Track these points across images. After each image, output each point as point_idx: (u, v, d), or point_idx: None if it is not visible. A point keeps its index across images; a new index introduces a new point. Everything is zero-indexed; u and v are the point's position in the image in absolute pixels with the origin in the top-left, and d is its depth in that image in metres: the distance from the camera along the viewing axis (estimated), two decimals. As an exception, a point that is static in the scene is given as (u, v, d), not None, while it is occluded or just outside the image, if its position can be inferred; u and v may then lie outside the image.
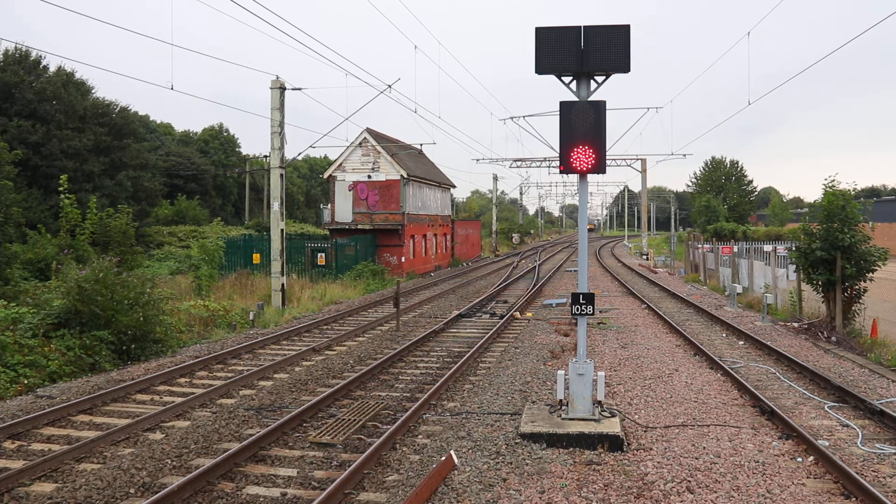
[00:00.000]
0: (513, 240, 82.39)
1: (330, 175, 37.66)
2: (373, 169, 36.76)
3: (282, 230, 23.25)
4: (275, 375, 12.88)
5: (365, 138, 36.76)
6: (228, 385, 11.71)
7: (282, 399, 11.11)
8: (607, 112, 8.97)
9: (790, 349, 14.82)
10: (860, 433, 9.13)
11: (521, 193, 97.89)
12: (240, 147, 76.02)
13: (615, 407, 10.19)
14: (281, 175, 23.09)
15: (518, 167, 58.16)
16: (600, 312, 21.45)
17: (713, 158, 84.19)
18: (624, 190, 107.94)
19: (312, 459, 8.31)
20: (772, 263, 23.08)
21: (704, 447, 8.57)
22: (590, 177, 9.87)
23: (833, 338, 15.86)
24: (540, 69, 8.94)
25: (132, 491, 7.34)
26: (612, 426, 8.80)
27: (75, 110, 41.69)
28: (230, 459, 7.94)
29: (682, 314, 21.35)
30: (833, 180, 17.18)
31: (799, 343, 15.77)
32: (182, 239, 45.59)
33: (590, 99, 9.07)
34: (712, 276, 31.83)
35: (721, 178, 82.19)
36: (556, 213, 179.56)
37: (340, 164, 37.28)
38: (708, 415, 10.03)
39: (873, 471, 7.85)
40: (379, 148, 36.70)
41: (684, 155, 54.64)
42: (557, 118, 8.95)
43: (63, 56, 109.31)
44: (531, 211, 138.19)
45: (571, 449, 8.49)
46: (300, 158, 72.73)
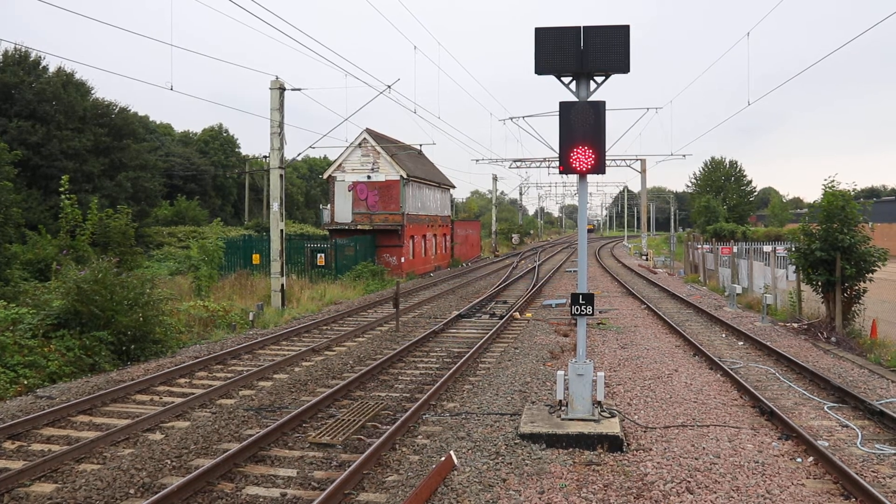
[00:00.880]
0: (512, 240, 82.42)
1: (329, 175, 37.66)
2: (372, 169, 36.76)
3: (281, 230, 23.26)
4: (274, 376, 12.88)
5: (364, 139, 36.76)
6: (228, 385, 11.71)
7: (281, 399, 11.11)
8: (607, 112, 8.97)
9: (790, 350, 14.82)
10: (860, 433, 9.13)
11: (521, 194, 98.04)
12: (239, 147, 76.14)
13: (615, 407, 10.19)
14: (280, 175, 23.10)
15: (518, 167, 58.20)
16: (600, 313, 21.46)
17: (713, 159, 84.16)
18: (623, 190, 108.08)
19: (312, 460, 8.31)
20: (771, 264, 23.10)
21: (704, 448, 8.58)
22: (589, 177, 9.87)
23: (833, 338, 15.86)
24: (539, 69, 8.95)
25: (132, 491, 7.34)
26: (612, 427, 8.80)
27: (75, 111, 41.67)
28: (230, 460, 7.94)
29: (682, 315, 21.36)
30: (833, 181, 17.20)
31: (798, 343, 15.78)
32: (182, 239, 45.60)
33: (589, 99, 9.07)
34: (712, 277, 31.84)
35: (721, 179, 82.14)
36: (556, 214, 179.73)
37: (340, 165, 37.29)
38: (707, 415, 10.03)
39: (873, 471, 7.85)
40: (378, 148, 36.70)
41: (684, 155, 54.57)
42: (557, 118, 8.95)
43: (63, 57, 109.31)
44: (531, 211, 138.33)
45: (571, 449, 8.50)
46: (300, 159, 72.69)
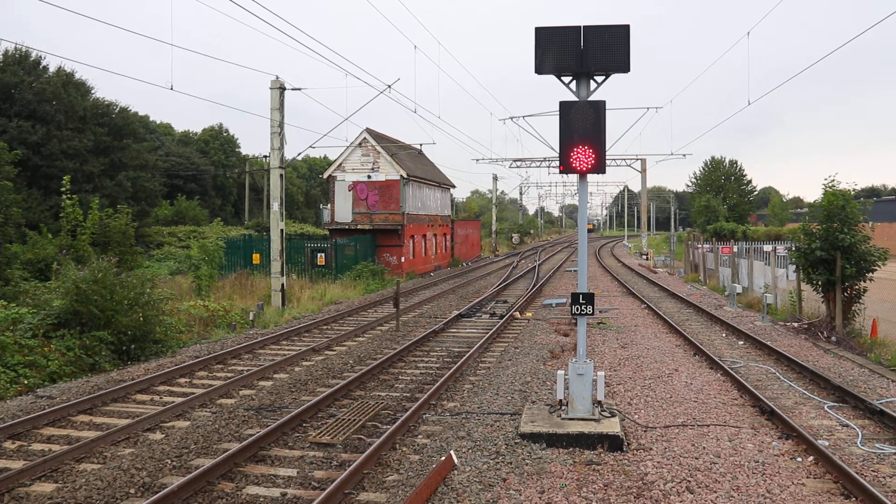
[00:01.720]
0: (512, 240, 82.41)
1: (329, 175, 37.66)
2: (372, 169, 36.76)
3: (281, 230, 23.26)
4: (275, 375, 12.88)
5: (365, 138, 36.76)
6: (228, 385, 11.71)
7: (282, 399, 11.11)
8: (607, 112, 8.98)
9: (790, 349, 14.82)
10: (860, 433, 9.13)
11: (521, 193, 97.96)
12: (239, 147, 76.15)
13: (615, 407, 10.19)
14: (281, 175, 23.10)
15: (518, 167, 58.18)
16: (600, 312, 21.45)
17: (713, 158, 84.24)
18: (624, 190, 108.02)
19: (312, 459, 8.32)
20: (771, 263, 23.10)
21: (704, 447, 8.58)
22: (590, 177, 9.87)
23: (833, 338, 15.86)
24: (540, 69, 8.95)
25: (132, 491, 7.34)
26: (612, 426, 8.80)
27: (75, 111, 41.67)
28: (230, 459, 7.94)
29: (682, 314, 21.36)
30: (833, 180, 17.21)
31: (799, 343, 15.77)
32: (182, 239, 45.59)
33: (589, 99, 9.07)
34: (712, 276, 31.84)
35: (721, 178, 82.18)
36: (556, 213, 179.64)
37: (340, 165, 37.28)
38: (708, 415, 10.03)
39: (873, 471, 7.85)
40: (378, 148, 36.70)
41: (684, 155, 54.58)
42: (557, 118, 8.95)
43: (63, 56, 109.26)
44: (531, 211, 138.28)
45: (571, 449, 8.50)
46: (300, 158, 72.66)
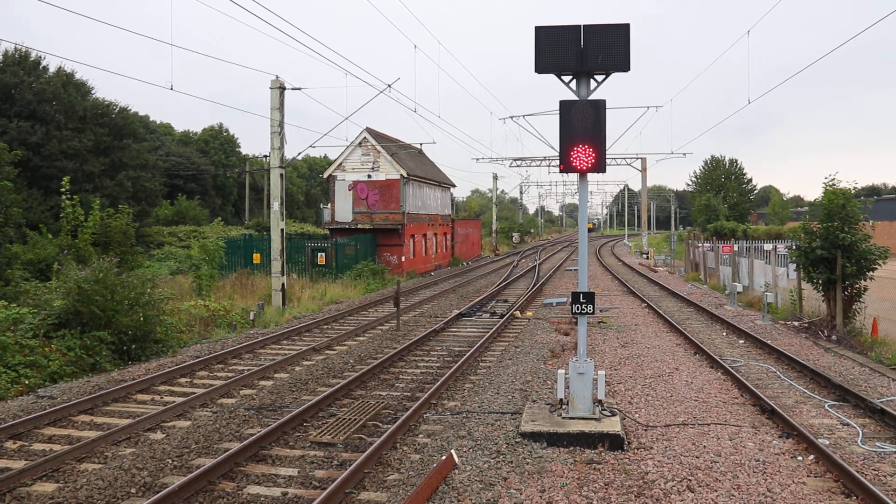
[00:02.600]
0: (513, 239, 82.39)
1: (330, 175, 37.66)
2: (373, 168, 36.75)
3: (282, 230, 23.26)
4: (275, 375, 12.88)
5: (365, 138, 36.75)
6: (229, 385, 11.72)
7: (282, 398, 11.12)
8: (607, 111, 8.98)
9: (790, 348, 14.82)
10: (860, 432, 9.13)
11: (521, 193, 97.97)
12: (239, 147, 76.16)
13: (615, 406, 10.19)
14: (281, 175, 23.10)
15: (518, 166, 58.18)
16: (600, 311, 21.45)
17: (713, 157, 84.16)
18: (624, 189, 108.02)
19: (313, 459, 8.32)
20: (772, 262, 23.09)
21: (705, 446, 8.58)
22: (590, 176, 9.87)
23: (833, 336, 15.86)
24: (540, 68, 8.95)
25: (133, 491, 7.35)
26: (613, 425, 8.80)
27: (75, 111, 41.66)
28: (231, 459, 7.95)
29: (683, 313, 21.35)
30: (833, 179, 17.21)
31: (799, 342, 15.77)
32: (182, 239, 45.61)
33: (590, 98, 9.07)
34: (712, 275, 31.84)
35: (721, 177, 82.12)
36: (556, 213, 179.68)
37: (340, 164, 37.28)
38: (708, 414, 10.03)
39: (874, 469, 7.85)
40: (379, 147, 36.69)
41: (684, 154, 54.67)
42: (557, 117, 8.95)
43: (63, 57, 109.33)
44: (531, 210, 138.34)
45: (572, 448, 8.50)
46: (300, 158, 72.65)
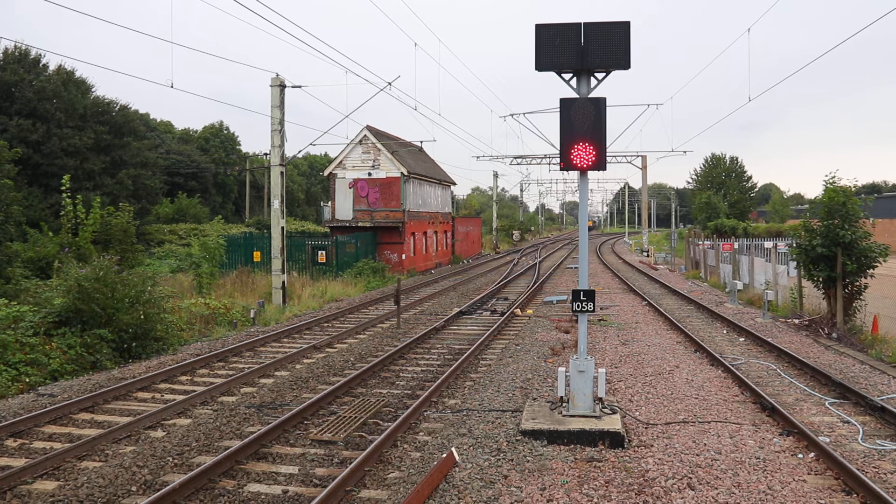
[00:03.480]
0: (513, 237, 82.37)
1: (330, 172, 37.65)
2: (373, 166, 36.74)
3: (282, 228, 23.25)
4: (276, 373, 12.89)
5: (365, 136, 36.73)
6: (229, 383, 11.72)
7: (283, 397, 11.12)
8: (608, 109, 8.97)
9: (791, 346, 14.81)
10: (861, 429, 9.13)
11: (522, 190, 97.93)
12: (240, 145, 76.12)
13: (616, 404, 10.18)
14: (281, 173, 23.08)
15: (518, 164, 58.13)
16: (601, 309, 21.45)
17: (713, 155, 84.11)
18: (624, 187, 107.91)
19: (314, 457, 8.32)
20: (772, 260, 23.09)
21: (705, 444, 8.58)
22: (590, 174, 9.88)
23: (834, 334, 15.86)
24: (540, 66, 8.93)
25: (134, 489, 7.36)
26: (613, 423, 8.80)
27: (75, 109, 41.66)
28: (231, 457, 7.95)
29: (683, 311, 21.35)
30: (834, 176, 17.21)
31: (800, 339, 15.77)
32: (183, 237, 45.62)
33: (590, 96, 9.06)
34: (713, 273, 31.83)
35: (721, 175, 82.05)
36: (557, 210, 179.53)
37: (341, 162, 37.27)
38: (709, 411, 10.03)
39: (874, 467, 7.85)
40: (379, 145, 36.67)
41: (685, 152, 54.70)
42: (558, 115, 8.94)
43: (63, 55, 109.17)
44: (531, 208, 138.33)
45: (572, 446, 8.50)
46: (300, 156, 72.65)
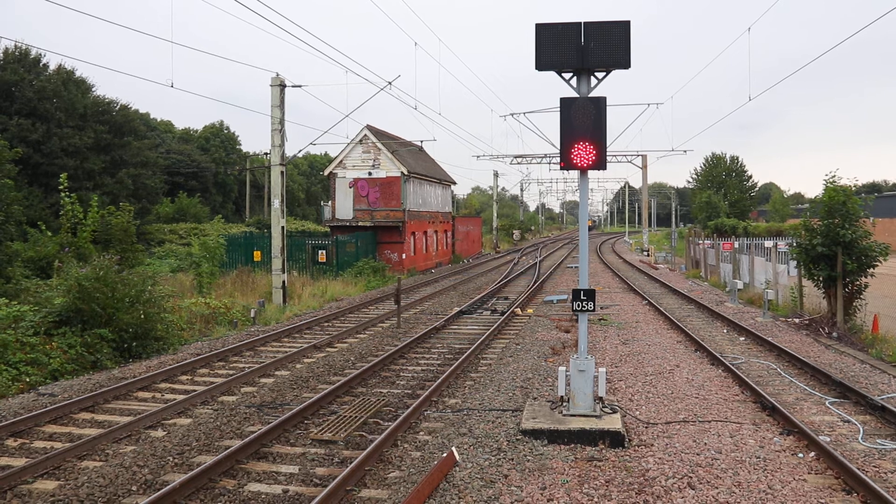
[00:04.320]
0: (513, 236, 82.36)
1: (330, 172, 37.65)
2: (373, 166, 36.74)
3: (282, 227, 23.25)
4: (276, 372, 12.89)
5: (365, 135, 36.73)
6: (230, 382, 11.72)
7: (283, 396, 11.12)
8: (608, 108, 8.97)
9: (791, 345, 14.81)
10: (861, 429, 9.13)
11: (522, 190, 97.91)
12: (240, 144, 76.14)
13: (616, 403, 10.19)
14: (281, 172, 23.08)
15: (519, 164, 58.14)
16: (601, 309, 21.45)
17: (714, 154, 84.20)
18: (625, 186, 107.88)
19: (314, 456, 8.33)
20: (773, 259, 23.08)
21: (706, 443, 8.58)
22: (590, 173, 9.88)
23: (834, 333, 15.86)
24: (540, 65, 8.93)
25: (134, 488, 7.36)
26: (614, 422, 8.80)
27: (75, 108, 41.67)
28: (232, 457, 7.95)
29: (683, 310, 21.35)
30: (834, 176, 17.21)
31: (800, 339, 15.77)
32: (183, 236, 45.60)
33: (590, 95, 9.06)
34: (713, 273, 31.83)
35: (722, 174, 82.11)
36: (557, 210, 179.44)
37: (341, 162, 37.27)
38: (709, 411, 10.03)
39: (874, 466, 7.85)
40: (379, 145, 36.67)
41: (685, 151, 54.45)
42: (558, 114, 8.94)
43: (63, 54, 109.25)
44: (532, 207, 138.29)
45: (573, 445, 8.50)
46: (300, 156, 72.61)
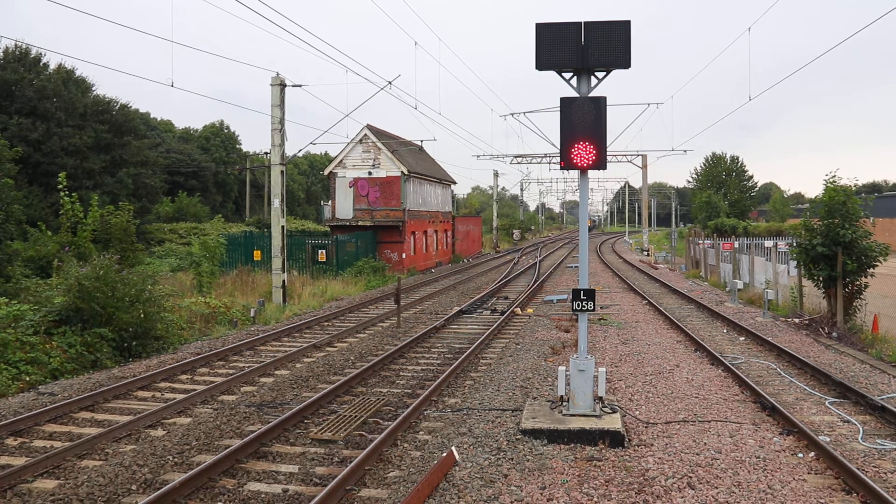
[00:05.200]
0: (513, 236, 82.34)
1: (330, 172, 37.64)
2: (373, 165, 36.73)
3: (282, 227, 23.25)
4: (276, 372, 12.89)
5: (365, 135, 36.72)
6: (230, 382, 11.72)
7: (283, 395, 11.12)
8: (608, 108, 8.96)
9: (791, 345, 14.81)
10: (861, 429, 9.13)
11: (522, 190, 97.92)
12: (240, 144, 76.14)
13: (616, 403, 10.19)
14: (281, 172, 23.07)
15: (519, 163, 58.13)
16: (601, 308, 21.45)
17: (714, 154, 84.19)
18: (625, 186, 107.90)
19: (314, 456, 8.33)
20: (773, 259, 23.08)
21: (705, 443, 8.58)
22: (590, 173, 9.88)
23: (834, 333, 15.86)
24: (540, 65, 8.93)
25: (134, 487, 7.36)
26: (613, 422, 8.80)
27: (75, 108, 41.64)
28: (232, 456, 7.95)
29: (683, 310, 21.35)
30: (834, 176, 17.21)
31: (800, 339, 15.77)
32: (183, 236, 45.61)
33: (590, 95, 9.06)
34: (713, 272, 31.83)
35: (722, 174, 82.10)
36: (557, 210, 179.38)
37: (341, 161, 37.27)
38: (709, 410, 10.03)
39: (874, 466, 7.86)
40: (379, 144, 36.66)
41: (685, 151, 54.37)
42: (558, 114, 8.94)
43: (63, 53, 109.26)
44: (532, 207, 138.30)
45: (572, 445, 8.50)
46: (301, 155, 72.59)
